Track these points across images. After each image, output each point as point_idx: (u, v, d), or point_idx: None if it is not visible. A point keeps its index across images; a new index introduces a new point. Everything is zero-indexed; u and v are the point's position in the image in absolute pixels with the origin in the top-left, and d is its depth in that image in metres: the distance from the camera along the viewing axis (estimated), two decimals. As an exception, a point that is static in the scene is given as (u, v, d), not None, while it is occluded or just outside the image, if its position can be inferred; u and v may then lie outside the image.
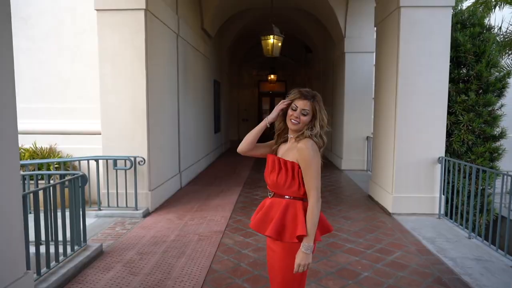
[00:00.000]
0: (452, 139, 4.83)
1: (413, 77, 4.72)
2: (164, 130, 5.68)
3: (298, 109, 1.83)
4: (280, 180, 1.83)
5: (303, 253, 1.76)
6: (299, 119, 1.82)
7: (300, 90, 1.86)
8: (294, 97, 1.85)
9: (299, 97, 1.83)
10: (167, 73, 5.85)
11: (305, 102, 1.83)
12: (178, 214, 4.93)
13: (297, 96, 1.84)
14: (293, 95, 1.86)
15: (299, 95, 1.84)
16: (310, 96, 1.84)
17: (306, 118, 1.83)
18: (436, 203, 4.82)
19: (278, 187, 1.86)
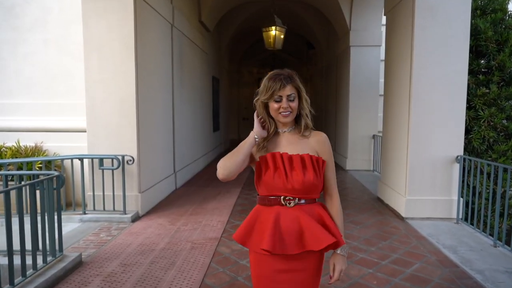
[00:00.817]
0: (471, 136, 4.40)
1: (430, 68, 4.29)
2: (157, 127, 5.26)
3: (283, 98, 1.53)
4: (309, 179, 1.51)
5: (342, 257, 1.59)
6: (290, 108, 1.54)
7: (274, 77, 1.54)
8: (274, 89, 1.52)
9: (279, 86, 1.52)
10: (160, 66, 5.43)
11: (288, 87, 1.53)
12: (171, 218, 4.50)
13: (277, 86, 1.52)
14: (271, 87, 1.53)
15: (279, 83, 1.53)
16: (288, 78, 1.55)
17: (295, 103, 1.56)
18: (453, 206, 4.38)
19: (306, 189, 1.53)
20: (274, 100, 1.53)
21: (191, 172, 7.24)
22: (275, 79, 1.52)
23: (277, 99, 1.52)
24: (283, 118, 1.54)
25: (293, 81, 1.55)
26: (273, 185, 1.52)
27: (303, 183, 1.50)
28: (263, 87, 1.54)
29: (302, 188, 1.51)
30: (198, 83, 8.01)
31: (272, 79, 1.53)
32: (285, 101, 1.52)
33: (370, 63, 7.88)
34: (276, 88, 1.50)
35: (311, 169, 1.52)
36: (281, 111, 1.53)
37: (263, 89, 1.54)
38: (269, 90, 1.51)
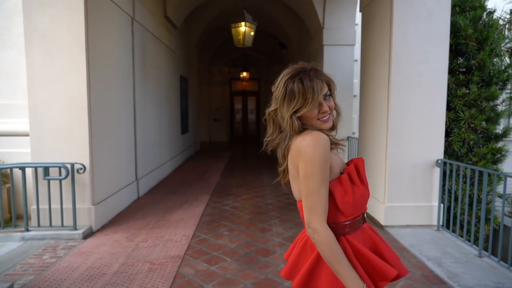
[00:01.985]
0: (451, 138, 4.19)
1: (409, 67, 4.04)
2: (114, 130, 4.74)
3: (322, 101, 1.26)
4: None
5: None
6: (330, 109, 1.27)
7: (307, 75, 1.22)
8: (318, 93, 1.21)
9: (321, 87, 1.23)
10: (118, 63, 4.91)
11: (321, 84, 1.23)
12: (129, 234, 4.01)
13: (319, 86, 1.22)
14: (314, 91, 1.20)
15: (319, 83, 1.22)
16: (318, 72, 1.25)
17: (332, 101, 1.28)
18: (434, 213, 4.15)
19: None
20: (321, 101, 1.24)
21: (157, 178, 6.72)
22: (311, 79, 1.20)
23: (326, 98, 1.26)
24: (324, 123, 1.25)
25: (320, 75, 1.25)
26: (358, 204, 1.26)
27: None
28: (299, 94, 1.20)
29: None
30: (164, 82, 7.49)
31: (308, 78, 1.20)
32: (324, 104, 1.23)
33: (344, 63, 7.64)
34: (318, 89, 1.20)
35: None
36: (320, 116, 1.24)
37: (299, 96, 1.20)
38: (313, 94, 1.19)
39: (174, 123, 8.53)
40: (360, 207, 1.27)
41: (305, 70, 1.23)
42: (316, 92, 1.19)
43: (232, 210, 4.96)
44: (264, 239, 3.87)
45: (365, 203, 1.30)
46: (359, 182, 1.26)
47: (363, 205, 1.29)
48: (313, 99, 1.19)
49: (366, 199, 1.29)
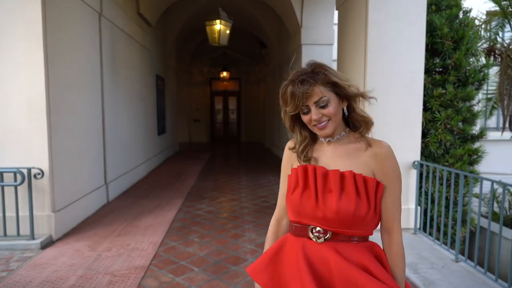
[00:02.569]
0: (428, 139, 4.10)
1: (384, 66, 3.93)
2: (79, 132, 4.47)
3: (311, 108, 1.16)
4: (347, 208, 1.12)
5: None
6: (325, 116, 1.17)
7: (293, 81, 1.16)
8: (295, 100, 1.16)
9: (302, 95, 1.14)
10: (83, 61, 4.64)
11: (315, 91, 1.14)
12: (93, 242, 3.76)
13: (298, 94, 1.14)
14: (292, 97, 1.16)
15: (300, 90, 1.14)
16: (310, 78, 1.14)
17: (331, 107, 1.16)
18: (411, 216, 4.06)
19: (344, 221, 1.13)
20: (302, 113, 1.19)
21: (129, 181, 6.45)
22: (294, 84, 1.15)
23: (303, 110, 1.18)
24: (320, 130, 1.19)
25: (318, 80, 1.14)
26: (300, 209, 1.19)
27: (338, 212, 1.12)
28: (282, 96, 1.20)
29: (336, 218, 1.13)
30: (138, 82, 7.22)
31: (291, 84, 1.16)
32: (315, 111, 1.15)
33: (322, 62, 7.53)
34: (298, 96, 1.14)
35: (353, 193, 1.13)
36: (314, 123, 1.18)
37: (281, 100, 1.20)
38: (291, 100, 1.16)
39: (150, 124, 8.26)
40: (300, 214, 1.19)
41: (298, 75, 1.16)
42: (292, 99, 1.15)
43: (205, 215, 4.75)
44: (236, 246, 3.69)
45: (304, 214, 1.18)
46: (301, 187, 1.19)
47: (305, 214, 1.18)
48: (288, 104, 1.17)
49: (306, 211, 1.17)
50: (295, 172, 1.23)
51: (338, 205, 1.11)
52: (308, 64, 1.20)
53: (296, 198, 1.19)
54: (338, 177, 1.15)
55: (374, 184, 1.15)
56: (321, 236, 1.16)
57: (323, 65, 1.19)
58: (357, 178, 1.14)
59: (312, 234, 1.17)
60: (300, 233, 1.20)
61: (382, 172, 1.18)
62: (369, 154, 1.20)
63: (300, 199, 1.18)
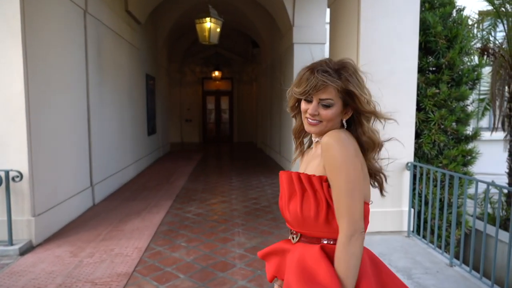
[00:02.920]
0: (421, 140, 4.02)
1: (377, 65, 3.82)
2: (62, 133, 4.31)
3: (313, 101, 1.16)
4: (297, 210, 1.16)
5: None
6: (318, 116, 1.16)
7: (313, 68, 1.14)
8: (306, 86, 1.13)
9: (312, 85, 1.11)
10: (67, 60, 4.48)
11: (327, 89, 1.12)
12: (75, 247, 3.61)
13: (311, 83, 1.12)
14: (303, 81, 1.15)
15: (313, 81, 1.11)
16: (330, 76, 1.11)
17: (331, 112, 1.15)
18: (404, 218, 3.97)
19: (300, 223, 1.18)
20: (304, 99, 1.18)
21: (117, 183, 6.29)
22: (312, 72, 1.13)
23: (308, 98, 1.16)
24: (307, 125, 1.19)
25: (337, 82, 1.11)
26: (282, 213, 1.27)
27: (291, 215, 1.18)
28: (297, 77, 1.18)
29: (294, 220, 1.18)
30: (127, 81, 7.05)
31: (310, 70, 1.14)
32: (315, 106, 1.14)
33: (315, 62, 7.43)
34: (310, 85, 1.11)
35: (299, 195, 1.15)
36: (307, 116, 1.17)
37: (296, 79, 1.18)
38: (301, 84, 1.14)
39: (139, 124, 8.09)
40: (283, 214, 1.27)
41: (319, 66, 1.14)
42: (302, 83, 1.13)
43: (194, 218, 4.62)
44: (224, 250, 3.56)
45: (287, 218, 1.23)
46: (281, 192, 1.26)
47: (286, 218, 1.24)
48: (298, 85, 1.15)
49: (286, 215, 1.22)
50: (280, 178, 1.28)
51: (290, 208, 1.17)
52: (340, 61, 1.17)
53: (282, 204, 1.26)
54: (297, 180, 1.16)
55: (318, 181, 1.12)
56: (294, 237, 1.22)
57: (351, 69, 1.15)
58: (302, 178, 1.14)
59: (291, 235, 1.25)
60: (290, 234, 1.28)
61: (325, 164, 1.12)
62: (319, 149, 1.18)
63: (281, 204, 1.26)
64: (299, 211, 1.14)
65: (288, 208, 1.19)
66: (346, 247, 1.08)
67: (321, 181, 1.12)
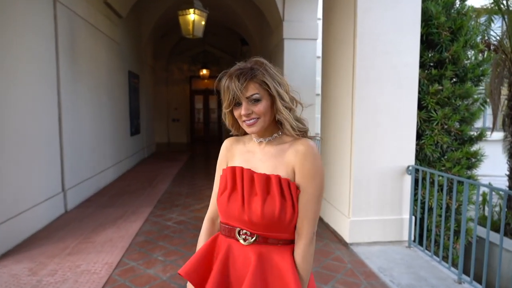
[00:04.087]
0: (423, 141, 3.68)
1: (375, 60, 3.48)
2: (23, 134, 3.85)
3: (242, 103, 1.18)
4: (271, 211, 1.14)
5: None
6: (253, 113, 1.17)
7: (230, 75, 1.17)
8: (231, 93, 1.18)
9: (236, 88, 1.15)
10: (33, 52, 4.03)
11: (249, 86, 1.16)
12: (35, 264, 3.17)
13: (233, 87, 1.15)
14: (228, 91, 1.18)
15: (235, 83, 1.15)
16: (248, 72, 1.15)
17: (262, 105, 1.17)
18: (405, 227, 3.63)
19: (269, 225, 1.15)
20: (234, 107, 1.20)
21: (94, 187, 5.84)
22: (230, 77, 1.17)
23: (237, 102, 1.18)
24: (248, 127, 1.20)
25: (254, 76, 1.15)
26: (227, 212, 1.21)
27: (263, 216, 1.13)
28: (221, 94, 1.21)
29: (261, 222, 1.14)
30: (106, 78, 6.60)
31: (228, 78, 1.17)
32: (245, 106, 1.17)
33: (306, 59, 7.08)
34: (233, 89, 1.15)
35: (278, 197, 1.13)
36: (243, 119, 1.18)
37: (221, 96, 1.21)
38: (226, 94, 1.18)
39: (121, 124, 7.63)
40: (229, 216, 1.22)
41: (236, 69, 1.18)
42: (228, 93, 1.17)
43: (175, 226, 4.21)
44: (206, 266, 3.16)
45: (231, 217, 1.20)
46: (229, 189, 1.22)
47: (233, 217, 1.20)
48: (224, 99, 1.20)
49: (233, 213, 1.19)
50: (224, 173, 1.26)
51: (262, 209, 1.13)
52: (250, 60, 1.21)
53: (224, 201, 1.21)
54: (263, 180, 1.15)
55: (294, 187, 1.16)
56: (248, 238, 1.18)
57: (263, 63, 1.20)
58: (282, 181, 1.15)
59: (239, 236, 1.19)
60: (229, 234, 1.22)
61: (299, 170, 1.16)
62: (290, 151, 1.18)
63: (227, 202, 1.20)
64: (278, 213, 1.12)
65: (253, 209, 1.15)
66: (309, 247, 1.18)
67: (290, 185, 1.15)
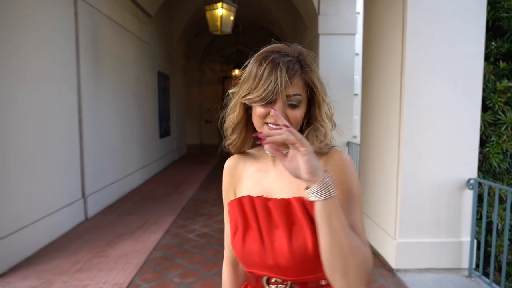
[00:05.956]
0: (487, 149, 3.06)
1: (429, 51, 2.91)
2: (40, 137, 3.62)
3: (279, 100, 0.86)
4: (303, 247, 0.84)
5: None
6: (288, 120, 0.86)
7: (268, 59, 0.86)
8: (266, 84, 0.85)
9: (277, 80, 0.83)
10: (49, 51, 3.79)
11: (294, 81, 0.86)
12: (41, 281, 2.89)
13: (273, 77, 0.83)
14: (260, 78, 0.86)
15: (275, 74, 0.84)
16: (296, 63, 0.87)
17: (299, 112, 0.88)
18: (464, 251, 3.02)
19: (302, 266, 0.85)
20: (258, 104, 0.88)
21: (118, 192, 5.61)
22: (274, 64, 0.85)
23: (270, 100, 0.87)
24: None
25: (305, 72, 0.87)
26: (246, 258, 0.91)
27: (292, 255, 0.84)
28: (246, 77, 0.90)
29: (292, 264, 0.84)
30: (133, 79, 6.39)
31: (265, 62, 0.86)
32: (281, 106, 0.85)
33: (343, 56, 6.51)
34: (277, 80, 0.83)
35: (307, 225, 0.84)
36: (270, 121, 0.87)
37: (245, 79, 0.90)
38: (263, 84, 0.84)
39: (149, 126, 7.43)
40: (248, 263, 0.91)
41: (276, 53, 0.87)
42: (268, 80, 0.84)
43: (197, 240, 3.83)
44: (226, 292, 2.74)
45: (252, 262, 0.89)
46: (242, 228, 0.91)
47: (254, 263, 0.89)
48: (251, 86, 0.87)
49: (253, 258, 0.88)
50: (231, 209, 0.96)
51: (289, 246, 0.83)
52: (294, 46, 0.91)
53: (238, 244, 0.91)
54: (282, 207, 0.87)
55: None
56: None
57: (310, 56, 0.91)
58: (307, 205, 0.84)
59: (269, 287, 0.90)
60: (255, 285, 0.93)
61: (342, 186, 0.82)
62: (322, 164, 0.83)
63: (242, 245, 0.90)
64: (311, 248, 0.82)
65: (278, 247, 0.85)
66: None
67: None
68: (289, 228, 0.86)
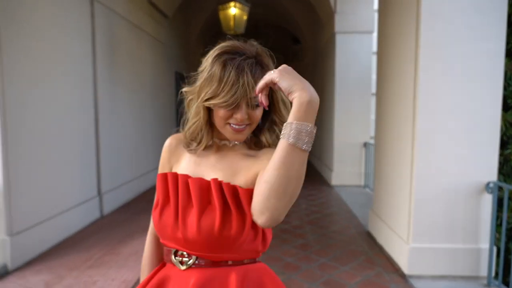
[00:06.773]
0: (508, 151, 2.91)
1: (445, 48, 2.80)
2: (56, 137, 3.69)
3: (242, 104, 0.90)
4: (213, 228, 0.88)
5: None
6: (247, 119, 0.90)
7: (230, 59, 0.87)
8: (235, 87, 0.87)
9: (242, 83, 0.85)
10: (65, 53, 3.88)
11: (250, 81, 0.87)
12: (53, 276, 2.95)
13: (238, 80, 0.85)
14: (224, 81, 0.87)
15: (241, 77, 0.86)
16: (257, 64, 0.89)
17: (260, 111, 0.92)
18: (482, 258, 2.88)
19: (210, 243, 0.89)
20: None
21: (134, 190, 5.69)
22: (241, 69, 0.85)
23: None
24: (234, 134, 0.92)
25: (264, 70, 0.88)
26: (160, 229, 0.95)
27: (198, 231, 0.87)
28: (208, 78, 0.89)
29: (198, 240, 0.88)
30: (150, 79, 6.47)
31: (230, 65, 0.86)
32: (245, 109, 0.88)
33: (360, 54, 6.39)
34: (245, 85, 0.85)
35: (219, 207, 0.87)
36: (233, 122, 0.90)
37: (207, 81, 0.89)
38: (226, 87, 0.86)
39: (166, 125, 7.50)
40: (163, 235, 0.95)
41: (237, 54, 0.88)
42: (236, 86, 0.85)
43: (207, 240, 3.82)
44: None
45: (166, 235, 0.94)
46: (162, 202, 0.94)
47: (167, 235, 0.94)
48: (215, 90, 0.87)
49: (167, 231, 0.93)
50: (158, 183, 0.98)
51: (198, 223, 0.87)
52: (249, 43, 0.92)
53: (156, 216, 0.95)
54: (199, 187, 0.90)
55: (250, 195, 0.85)
56: (184, 261, 0.93)
57: (266, 53, 0.93)
58: (225, 187, 0.88)
59: (175, 259, 0.94)
60: (167, 258, 0.98)
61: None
62: (266, 158, 0.89)
63: (159, 218, 0.94)
64: (218, 229, 0.86)
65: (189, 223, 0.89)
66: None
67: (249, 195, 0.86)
68: (203, 207, 0.89)
